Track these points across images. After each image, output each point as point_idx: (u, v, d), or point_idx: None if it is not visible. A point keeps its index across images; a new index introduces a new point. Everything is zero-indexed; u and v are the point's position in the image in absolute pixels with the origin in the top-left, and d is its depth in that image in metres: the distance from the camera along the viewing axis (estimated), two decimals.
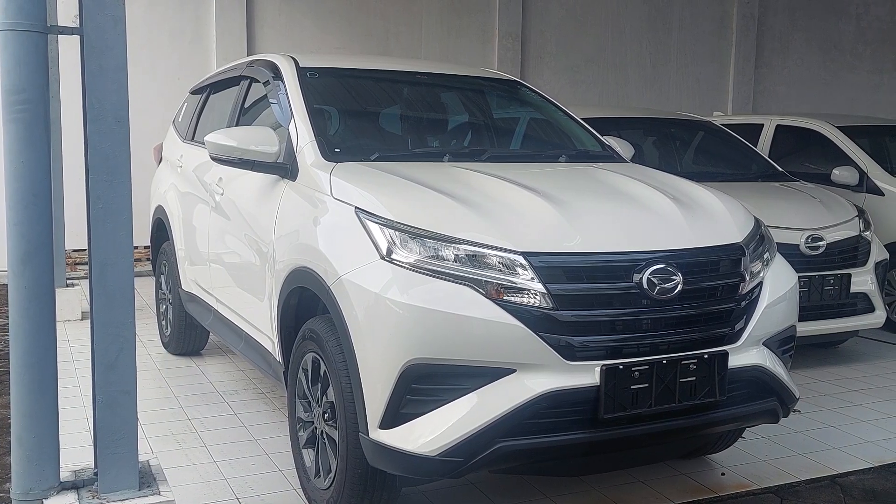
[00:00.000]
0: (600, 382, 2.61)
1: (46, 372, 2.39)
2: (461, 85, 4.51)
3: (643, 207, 3.04)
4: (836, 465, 3.60)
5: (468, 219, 2.77)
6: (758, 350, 2.92)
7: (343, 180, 3.12)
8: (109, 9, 2.35)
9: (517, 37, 10.21)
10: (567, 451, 2.68)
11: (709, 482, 3.41)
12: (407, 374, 2.58)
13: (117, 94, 2.37)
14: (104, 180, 2.37)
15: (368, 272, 2.72)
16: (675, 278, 2.73)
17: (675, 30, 11.23)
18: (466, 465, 2.58)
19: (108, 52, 2.35)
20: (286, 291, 3.25)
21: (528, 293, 2.61)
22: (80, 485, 2.53)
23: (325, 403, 3.00)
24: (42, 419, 2.40)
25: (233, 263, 4.05)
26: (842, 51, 12.33)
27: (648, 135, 6.63)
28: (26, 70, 2.29)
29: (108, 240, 2.39)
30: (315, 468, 3.11)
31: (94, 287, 2.42)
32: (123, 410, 2.46)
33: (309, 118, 3.57)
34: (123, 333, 2.43)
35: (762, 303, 2.96)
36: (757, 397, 2.93)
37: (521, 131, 4.42)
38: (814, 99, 12.06)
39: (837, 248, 5.00)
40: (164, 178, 5.44)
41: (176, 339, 5.29)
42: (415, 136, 4.13)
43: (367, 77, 4.28)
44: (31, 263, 2.32)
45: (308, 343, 3.09)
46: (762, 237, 3.15)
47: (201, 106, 5.26)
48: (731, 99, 11.58)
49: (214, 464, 3.55)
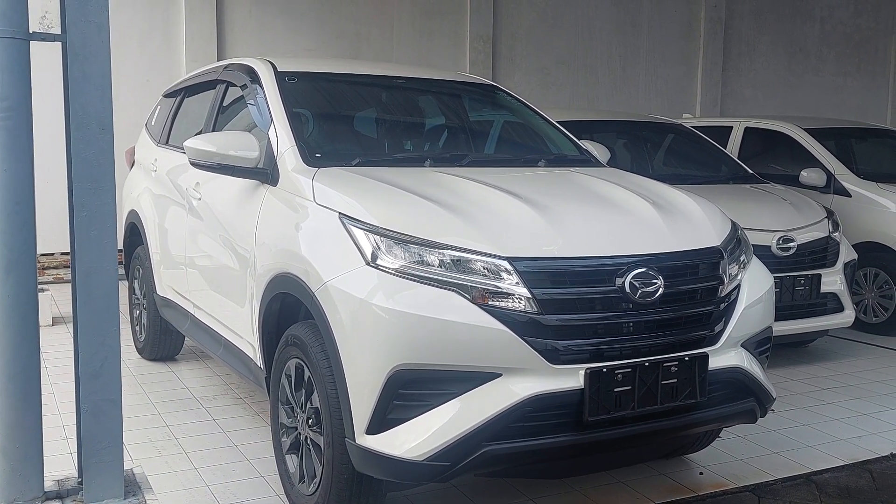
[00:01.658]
0: (584, 385, 2.64)
1: (30, 382, 2.38)
2: (440, 89, 4.52)
3: (624, 212, 3.08)
4: (811, 463, 3.67)
5: (453, 224, 2.79)
6: (736, 352, 2.97)
7: (326, 186, 3.12)
8: (93, 16, 2.33)
9: (488, 39, 10.26)
10: (552, 453, 2.71)
11: (687, 482, 3.46)
12: (393, 380, 2.59)
13: (101, 100, 2.36)
14: (88, 188, 2.36)
15: (353, 278, 2.73)
16: (656, 282, 2.78)
17: (645, 33, 11.35)
18: (453, 470, 2.59)
19: (91, 58, 2.34)
20: (268, 297, 3.24)
21: (514, 298, 2.64)
22: (65, 494, 2.51)
23: (309, 409, 3.00)
24: (26, 429, 2.39)
25: (211, 268, 4.03)
26: (806, 54, 12.54)
27: (620, 137, 6.69)
28: (9, 77, 2.28)
29: (93, 247, 2.38)
30: (299, 474, 3.11)
31: (78, 294, 2.40)
32: (108, 419, 2.45)
33: (289, 123, 3.56)
34: (108, 342, 2.42)
35: (740, 305, 3.01)
36: (736, 398, 2.98)
37: (500, 136, 4.44)
38: (779, 101, 12.26)
39: (808, 248, 5.10)
40: (137, 182, 5.39)
41: (151, 344, 5.25)
42: (395, 140, 4.14)
43: (345, 81, 4.28)
44: (15, 273, 2.30)
45: (291, 349, 3.08)
46: (739, 240, 3.21)
47: (175, 109, 5.22)
48: (699, 101, 11.72)
49: (195, 470, 3.53)
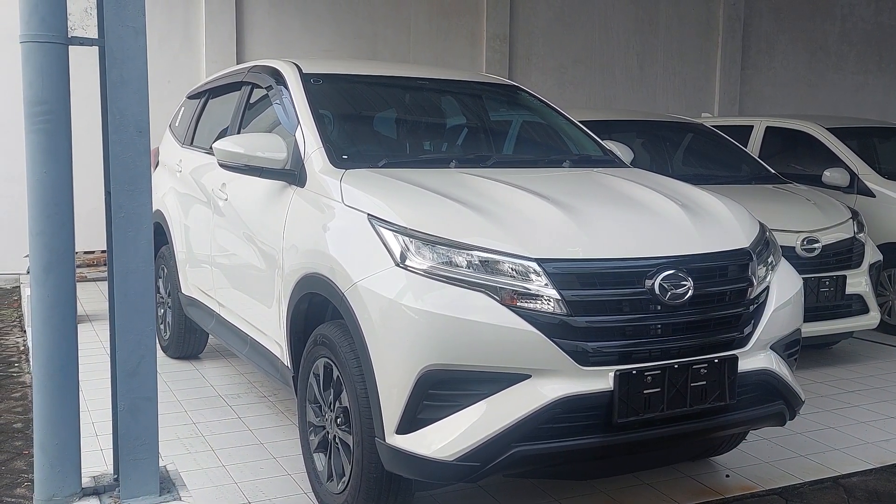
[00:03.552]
0: (614, 387, 2.65)
1: (68, 380, 2.41)
2: (464, 90, 4.54)
3: (652, 213, 3.09)
4: (839, 467, 3.66)
5: (480, 225, 2.81)
6: (765, 354, 2.98)
7: (354, 187, 3.14)
8: (130, 20, 2.37)
9: (505, 38, 10.26)
10: (581, 455, 2.72)
11: (714, 484, 3.46)
12: (423, 380, 2.61)
13: (139, 104, 2.39)
14: (126, 190, 2.39)
15: (383, 278, 2.75)
16: (685, 284, 2.78)
17: (662, 31, 11.32)
18: (482, 470, 2.61)
19: (129, 62, 2.37)
20: (296, 297, 3.27)
21: (542, 299, 2.65)
22: (101, 490, 2.55)
23: (337, 408, 3.03)
24: (64, 427, 2.42)
25: (238, 268, 4.06)
26: (827, 52, 12.47)
27: (639, 137, 6.67)
28: (48, 81, 2.31)
29: (130, 248, 2.41)
30: (327, 472, 3.13)
31: (115, 295, 2.43)
32: (145, 417, 2.48)
33: (315, 125, 3.59)
34: (145, 341, 2.46)
35: (769, 307, 3.01)
36: (765, 400, 2.98)
37: (524, 136, 4.46)
38: (799, 100, 12.19)
39: (833, 250, 5.07)
40: (162, 183, 5.42)
41: (175, 342, 5.29)
42: (420, 142, 4.16)
43: (370, 83, 4.31)
44: (54, 272, 2.34)
45: (320, 348, 3.11)
46: (768, 242, 3.21)
47: (199, 111, 5.26)
48: (717, 100, 11.68)
49: (223, 468, 3.56)
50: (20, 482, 3.35)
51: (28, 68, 2.28)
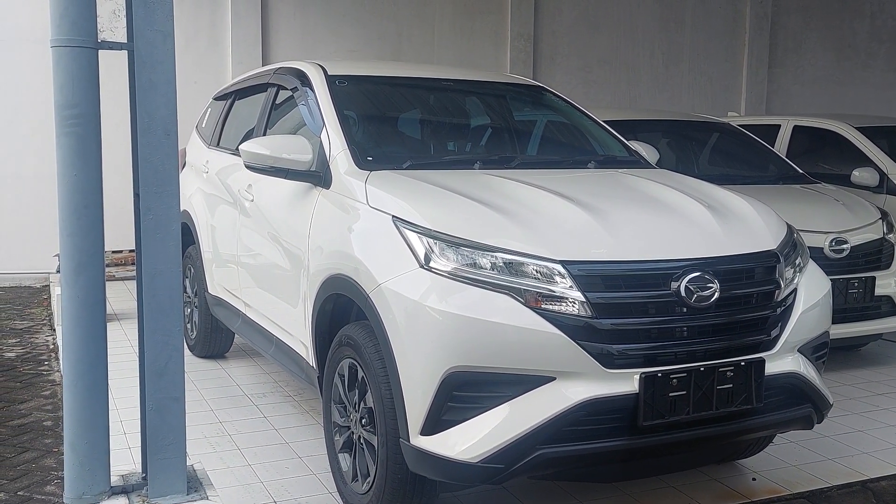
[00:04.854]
0: (639, 390, 2.64)
1: (97, 379, 2.44)
2: (488, 91, 4.54)
3: (678, 214, 3.07)
4: (867, 471, 3.62)
5: (505, 227, 2.81)
6: (793, 357, 2.95)
7: (379, 189, 3.15)
8: (159, 24, 2.39)
9: (529, 38, 10.23)
10: (606, 457, 2.72)
11: (740, 487, 3.44)
12: (448, 382, 2.61)
13: (166, 107, 2.42)
14: (154, 192, 2.42)
15: (407, 280, 2.76)
16: (711, 286, 2.76)
17: (688, 30, 11.24)
18: (507, 472, 2.61)
19: (157, 66, 2.40)
20: (321, 298, 3.29)
21: (567, 301, 2.65)
22: (130, 489, 2.58)
23: (362, 409, 3.04)
24: (94, 425, 2.45)
25: (264, 269, 4.09)
26: (856, 50, 12.31)
27: (664, 137, 6.62)
28: (79, 85, 2.34)
29: (158, 249, 2.44)
30: (352, 472, 3.15)
31: (143, 296, 2.46)
32: (172, 416, 2.51)
33: (340, 126, 3.61)
34: (172, 341, 2.48)
35: (797, 309, 2.99)
36: (792, 404, 2.96)
37: (548, 137, 4.45)
38: (827, 99, 12.04)
39: (862, 250, 5.01)
40: (188, 183, 5.47)
41: (202, 342, 5.34)
42: (444, 143, 4.16)
43: (395, 84, 4.32)
44: (84, 273, 2.37)
45: (345, 349, 3.12)
46: (795, 243, 3.18)
47: (226, 112, 5.31)
48: (744, 99, 11.57)
49: (249, 467, 3.59)
50: (50, 479, 3.40)
51: (59, 72, 2.31)
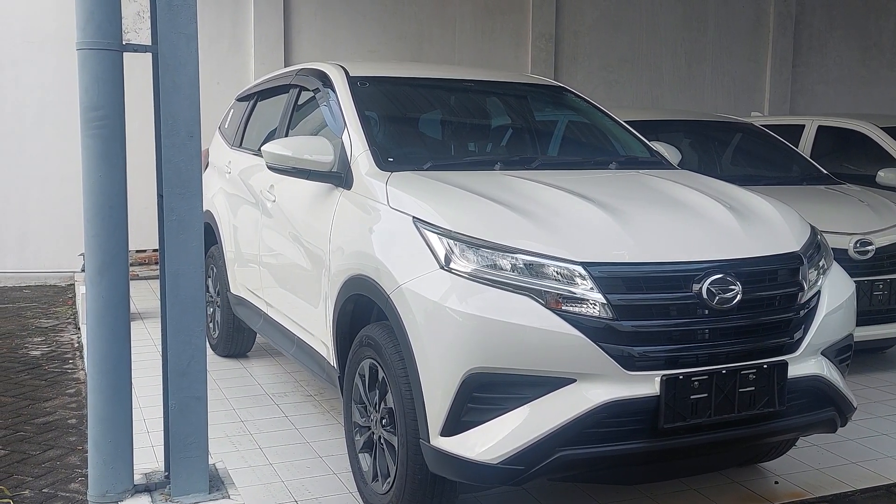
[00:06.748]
0: (660, 392, 2.63)
1: (121, 378, 2.47)
2: (509, 91, 4.53)
3: (700, 216, 3.05)
4: (892, 474, 3.57)
5: (525, 228, 2.81)
6: (816, 360, 2.92)
7: (399, 190, 3.16)
8: (182, 27, 2.42)
9: (551, 38, 10.21)
10: (626, 460, 2.71)
11: (762, 491, 3.41)
12: (468, 383, 2.62)
13: (190, 109, 2.44)
14: (178, 193, 2.44)
15: (428, 281, 2.77)
16: (734, 288, 2.75)
17: (711, 29, 11.16)
18: (527, 473, 2.61)
19: (181, 68, 2.42)
20: (343, 298, 3.30)
21: (588, 303, 2.64)
22: (153, 487, 2.60)
23: (383, 409, 3.05)
24: (117, 424, 2.48)
25: (285, 269, 4.12)
26: (881, 49, 12.17)
27: (687, 137, 6.58)
28: (104, 87, 2.37)
29: (181, 250, 2.46)
30: (372, 472, 3.16)
31: (167, 296, 2.49)
32: (195, 416, 2.53)
33: (362, 128, 3.62)
34: (195, 341, 2.50)
35: (820, 312, 2.96)
36: (815, 407, 2.93)
37: (570, 138, 4.44)
38: (852, 98, 11.91)
39: (887, 252, 4.95)
40: (211, 184, 5.51)
41: (224, 341, 5.38)
42: (465, 144, 4.17)
43: (416, 85, 4.33)
44: (108, 273, 2.40)
45: (365, 349, 3.13)
46: (819, 245, 3.15)
47: (248, 113, 5.34)
48: (767, 98, 11.47)
49: (270, 466, 3.62)
50: (74, 477, 3.45)
51: (84, 75, 2.34)
